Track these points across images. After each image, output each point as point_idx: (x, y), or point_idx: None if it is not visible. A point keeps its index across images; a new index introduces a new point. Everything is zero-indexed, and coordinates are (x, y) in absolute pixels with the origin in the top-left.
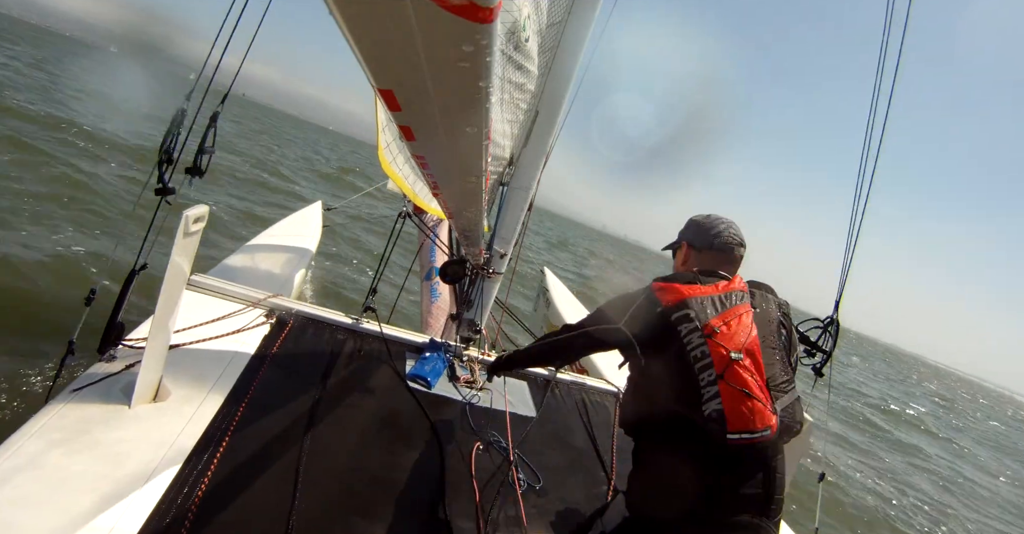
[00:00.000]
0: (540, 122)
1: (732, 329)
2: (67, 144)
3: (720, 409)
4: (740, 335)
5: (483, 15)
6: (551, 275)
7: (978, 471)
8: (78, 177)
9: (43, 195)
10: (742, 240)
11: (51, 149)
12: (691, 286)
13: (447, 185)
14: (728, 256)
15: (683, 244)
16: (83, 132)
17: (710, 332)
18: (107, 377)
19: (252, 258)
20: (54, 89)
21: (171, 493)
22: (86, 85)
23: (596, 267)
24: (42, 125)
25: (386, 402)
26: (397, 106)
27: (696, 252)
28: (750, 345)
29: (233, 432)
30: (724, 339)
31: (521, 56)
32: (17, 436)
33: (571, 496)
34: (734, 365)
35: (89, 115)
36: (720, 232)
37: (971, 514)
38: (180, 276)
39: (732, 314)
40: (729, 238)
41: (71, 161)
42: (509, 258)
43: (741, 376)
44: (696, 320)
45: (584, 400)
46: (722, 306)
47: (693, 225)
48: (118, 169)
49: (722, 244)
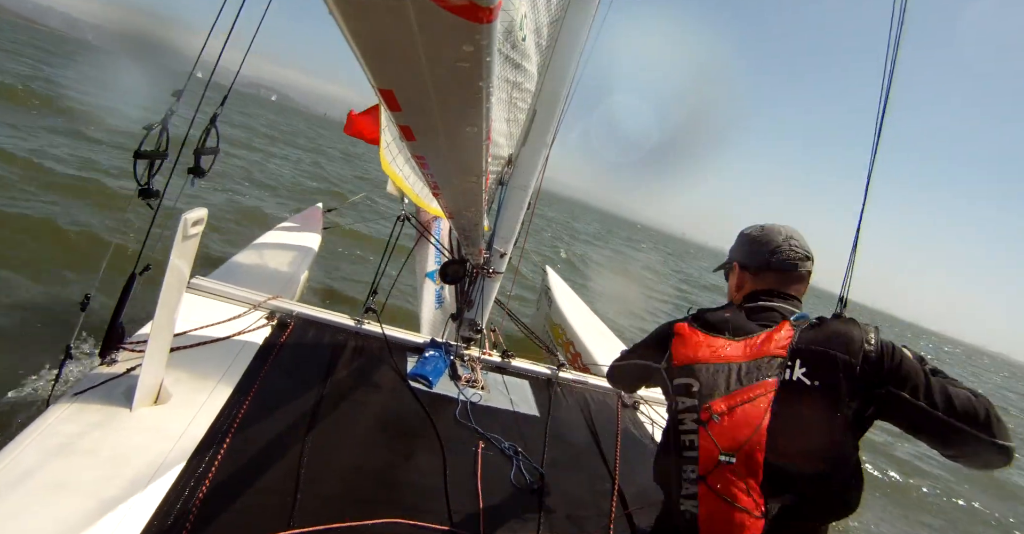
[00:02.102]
0: (538, 121)
1: (735, 419)
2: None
3: (695, 513)
4: (742, 429)
5: (483, 15)
6: (553, 274)
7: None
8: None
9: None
10: (807, 252)
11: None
12: (713, 341)
13: (447, 185)
14: (791, 275)
15: (734, 265)
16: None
17: (707, 418)
18: (108, 380)
19: (254, 260)
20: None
21: (173, 495)
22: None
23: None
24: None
25: (387, 402)
26: (397, 106)
27: (751, 274)
28: (752, 444)
29: (234, 434)
30: (719, 433)
31: (518, 55)
32: (19, 439)
33: (574, 494)
34: (723, 468)
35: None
36: (778, 247)
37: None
38: (180, 279)
39: (746, 395)
40: (790, 253)
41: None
42: (509, 257)
43: (727, 481)
44: (697, 396)
45: (587, 398)
46: (738, 382)
47: (745, 241)
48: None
49: (781, 262)
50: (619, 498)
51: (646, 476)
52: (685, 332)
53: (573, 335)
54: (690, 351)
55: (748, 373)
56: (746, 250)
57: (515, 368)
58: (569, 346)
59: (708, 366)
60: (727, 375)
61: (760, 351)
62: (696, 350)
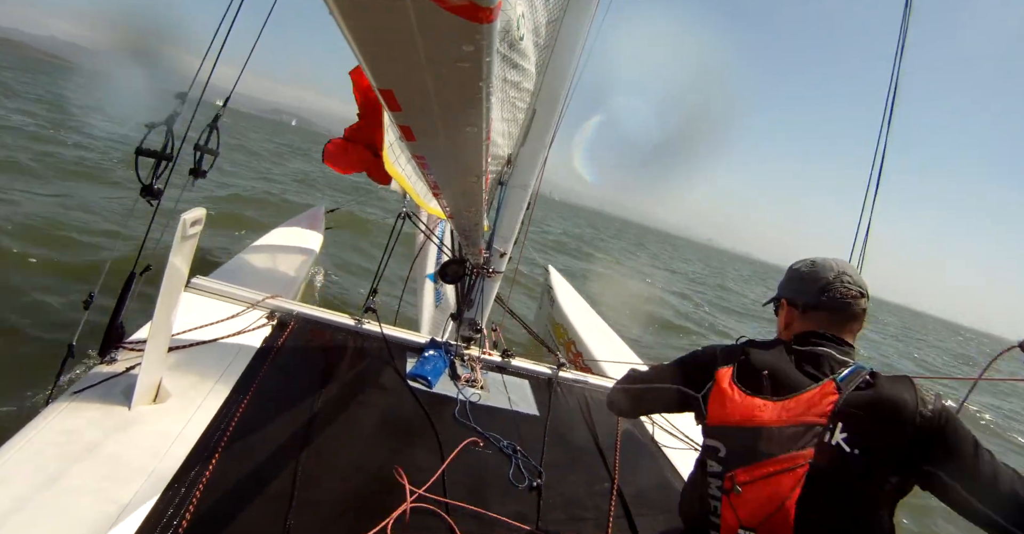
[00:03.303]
0: (538, 120)
1: (758, 493)
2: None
3: None
4: (765, 505)
5: (483, 15)
6: (556, 274)
7: None
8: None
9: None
10: (861, 289)
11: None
12: (749, 402)
13: (447, 185)
14: (844, 315)
15: (782, 302)
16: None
17: (729, 486)
18: (107, 379)
19: (256, 260)
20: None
21: (170, 494)
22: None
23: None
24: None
25: (387, 402)
26: (397, 106)
27: (800, 312)
28: (774, 521)
29: (233, 433)
30: (741, 505)
31: (516, 55)
32: (18, 438)
33: (573, 494)
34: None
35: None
36: (829, 284)
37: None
38: (178, 278)
39: (773, 467)
40: (843, 290)
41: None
42: (509, 257)
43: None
44: (723, 463)
45: (587, 398)
46: (767, 451)
47: (794, 277)
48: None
49: (833, 300)
50: (618, 498)
51: (645, 477)
52: (723, 384)
53: (575, 334)
54: (724, 412)
55: (780, 443)
56: (795, 287)
57: (515, 368)
58: (571, 345)
59: (739, 431)
60: (755, 442)
61: (798, 418)
62: (729, 410)
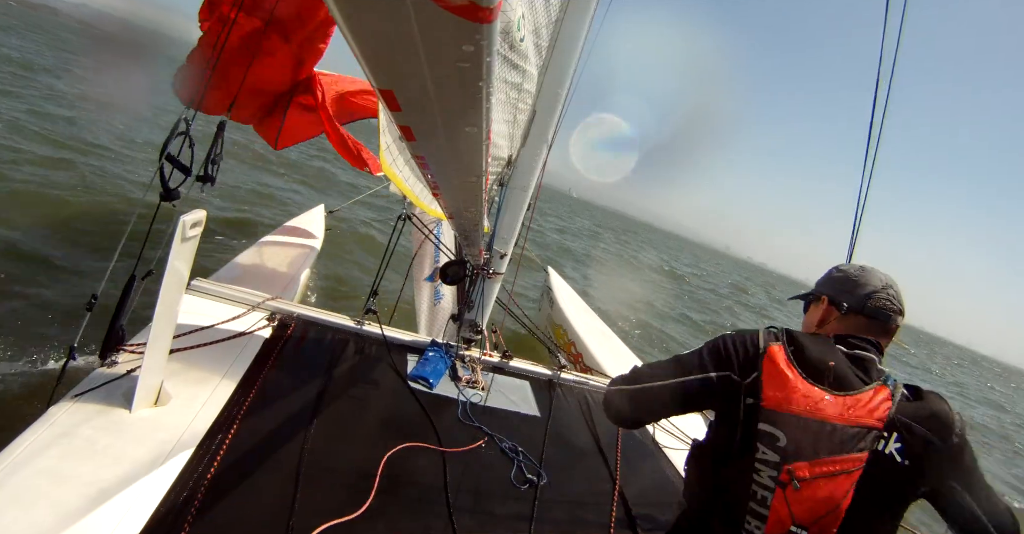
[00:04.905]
0: (538, 121)
1: (817, 491)
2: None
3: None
4: (821, 505)
5: (483, 15)
6: (555, 275)
7: None
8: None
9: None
10: (901, 307)
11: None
12: (811, 390)
13: (447, 185)
14: (882, 326)
15: (823, 299)
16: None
17: (787, 479)
18: (108, 382)
19: (256, 261)
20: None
21: (172, 497)
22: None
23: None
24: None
25: (388, 403)
26: (397, 106)
27: (839, 312)
28: (826, 522)
29: (234, 435)
30: (796, 501)
31: (516, 56)
32: (19, 441)
33: (574, 494)
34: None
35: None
36: (876, 292)
37: None
38: (179, 280)
39: (833, 466)
40: (887, 302)
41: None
42: (510, 258)
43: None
44: (780, 452)
45: (587, 399)
46: (828, 449)
47: (841, 277)
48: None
49: (876, 309)
50: (620, 499)
51: (647, 477)
52: (780, 364)
53: (575, 336)
54: (784, 396)
55: (842, 441)
56: (840, 288)
57: (516, 369)
58: (571, 347)
59: (800, 420)
60: (817, 437)
61: (858, 418)
62: (791, 397)
